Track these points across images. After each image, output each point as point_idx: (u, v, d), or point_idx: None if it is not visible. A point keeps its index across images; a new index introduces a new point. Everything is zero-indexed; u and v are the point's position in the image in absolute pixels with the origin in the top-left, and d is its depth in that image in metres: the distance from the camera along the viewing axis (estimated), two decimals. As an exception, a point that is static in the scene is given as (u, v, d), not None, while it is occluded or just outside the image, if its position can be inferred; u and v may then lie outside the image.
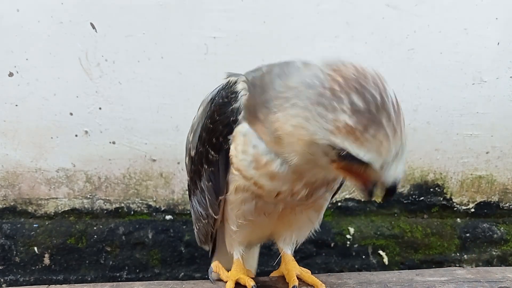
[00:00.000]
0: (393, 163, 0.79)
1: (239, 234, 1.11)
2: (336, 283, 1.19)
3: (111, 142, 1.74)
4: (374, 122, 0.76)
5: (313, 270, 1.25)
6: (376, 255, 1.84)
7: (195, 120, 1.11)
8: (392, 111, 0.78)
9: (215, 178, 1.04)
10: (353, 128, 0.76)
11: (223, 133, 0.97)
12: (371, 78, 0.80)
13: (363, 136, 0.76)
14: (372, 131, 0.76)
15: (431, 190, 1.87)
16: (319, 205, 1.11)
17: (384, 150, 0.77)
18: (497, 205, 1.91)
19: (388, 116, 0.77)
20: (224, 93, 0.98)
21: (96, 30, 1.65)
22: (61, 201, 1.78)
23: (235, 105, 0.95)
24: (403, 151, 0.80)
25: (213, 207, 1.09)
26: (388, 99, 0.79)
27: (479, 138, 1.84)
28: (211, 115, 1.00)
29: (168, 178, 1.78)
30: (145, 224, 1.79)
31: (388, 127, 0.77)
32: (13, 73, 1.67)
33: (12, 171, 1.75)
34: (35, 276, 1.75)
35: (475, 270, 1.32)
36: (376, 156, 0.77)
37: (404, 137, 0.80)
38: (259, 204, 1.02)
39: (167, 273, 1.78)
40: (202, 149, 1.04)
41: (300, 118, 0.81)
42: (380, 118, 0.77)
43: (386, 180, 0.81)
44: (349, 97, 0.77)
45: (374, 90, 0.78)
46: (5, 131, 1.72)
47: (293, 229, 1.16)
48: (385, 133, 0.77)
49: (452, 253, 1.86)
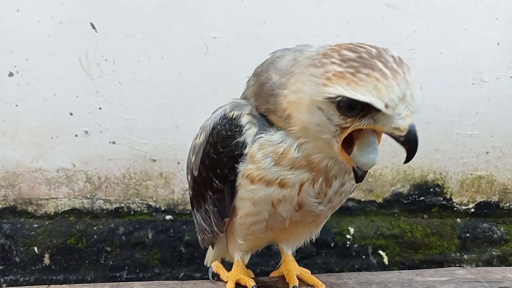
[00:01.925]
0: (403, 106, 0.72)
1: (245, 245, 1.12)
2: (336, 283, 1.19)
3: (111, 142, 1.74)
4: (366, 65, 0.72)
5: (313, 270, 1.25)
6: (376, 255, 1.84)
7: (197, 143, 1.06)
8: (390, 59, 0.74)
9: (221, 204, 1.03)
10: (343, 72, 0.72)
11: (228, 165, 0.95)
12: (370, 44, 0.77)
13: (356, 76, 0.71)
14: (365, 71, 0.72)
15: (431, 190, 1.87)
16: (320, 221, 1.12)
17: (382, 87, 0.71)
18: (497, 205, 1.91)
19: (384, 61, 0.73)
20: (228, 125, 0.95)
21: (96, 30, 1.65)
22: (61, 201, 1.78)
23: (239, 139, 0.93)
24: (414, 95, 0.73)
25: (218, 227, 1.09)
26: (386, 52, 0.75)
27: (479, 138, 1.84)
28: (214, 146, 0.98)
29: (168, 178, 1.78)
30: (145, 224, 1.79)
31: (385, 67, 0.72)
32: (13, 73, 1.67)
33: (12, 171, 1.75)
34: (35, 276, 1.75)
35: (475, 270, 1.32)
36: (375, 94, 0.71)
37: (412, 79, 0.73)
38: (269, 223, 1.02)
39: (167, 273, 1.78)
40: (205, 175, 1.03)
41: (298, 83, 0.81)
42: (373, 62, 0.73)
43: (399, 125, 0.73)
44: (339, 52, 0.76)
45: (370, 47, 0.76)
46: (5, 131, 1.72)
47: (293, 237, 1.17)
48: (380, 72, 0.71)
49: (452, 253, 1.86)
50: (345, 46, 0.77)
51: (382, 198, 1.85)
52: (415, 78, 0.74)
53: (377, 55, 0.74)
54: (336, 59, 0.75)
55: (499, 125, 1.83)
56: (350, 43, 0.79)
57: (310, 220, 1.06)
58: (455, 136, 1.83)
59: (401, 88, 0.72)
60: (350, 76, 0.72)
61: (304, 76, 0.80)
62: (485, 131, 1.83)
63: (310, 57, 0.81)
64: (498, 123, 1.83)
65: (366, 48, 0.76)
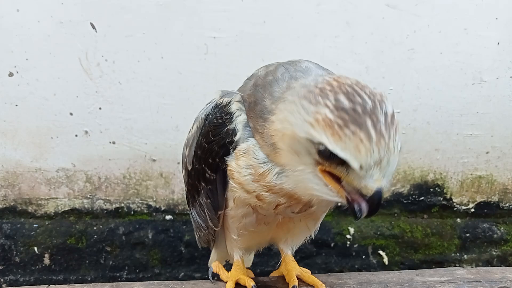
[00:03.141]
0: (377, 169, 0.74)
1: (240, 241, 1.12)
2: (336, 283, 1.19)
3: (111, 142, 1.74)
4: (356, 121, 0.72)
5: (313, 270, 1.25)
6: (376, 255, 1.84)
7: (190, 136, 1.08)
8: (382, 119, 0.74)
9: (213, 196, 1.04)
10: (332, 121, 0.72)
11: (219, 154, 0.96)
12: (370, 90, 0.77)
13: (342, 131, 0.72)
14: (352, 127, 0.72)
15: (431, 190, 1.87)
16: (317, 215, 1.11)
17: (363, 149, 0.72)
18: (497, 205, 1.91)
19: (375, 120, 0.73)
20: (218, 113, 0.96)
21: (96, 30, 1.65)
22: (61, 201, 1.78)
23: (230, 126, 0.94)
24: (390, 162, 0.74)
25: (213, 220, 1.10)
26: (381, 108, 0.75)
27: (479, 138, 1.84)
28: (205, 135, 0.99)
29: (168, 178, 1.78)
30: (145, 224, 1.79)
31: (373, 129, 0.72)
32: (13, 73, 1.67)
33: (12, 171, 1.75)
34: (35, 276, 1.75)
35: (475, 270, 1.32)
36: (353, 153, 0.72)
37: (395, 147, 0.74)
38: (259, 216, 1.02)
39: (167, 273, 1.78)
40: (198, 167, 1.04)
41: (286, 111, 0.81)
42: (364, 119, 0.72)
43: (367, 185, 0.75)
44: (336, 95, 0.75)
45: (368, 97, 0.75)
46: (5, 131, 1.72)
47: (291, 234, 1.17)
48: (367, 133, 0.72)
49: (452, 253, 1.86)
50: (345, 89, 0.76)
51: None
52: (398, 144, 0.75)
53: (370, 112, 0.73)
54: (330, 104, 0.74)
55: (499, 125, 1.83)
56: (351, 83, 0.77)
57: (305, 215, 1.05)
58: (455, 136, 1.83)
59: (380, 154, 0.73)
60: (337, 128, 0.72)
61: (294, 106, 0.79)
62: (485, 131, 1.83)
63: (307, 86, 0.80)
64: (498, 123, 1.83)
65: (363, 99, 0.75)
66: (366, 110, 0.73)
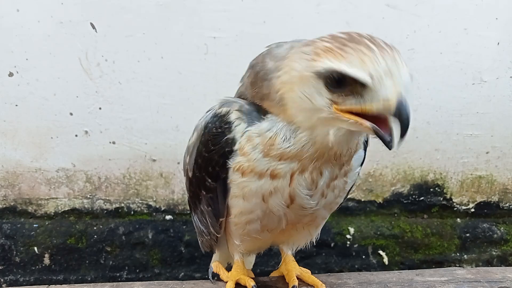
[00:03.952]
0: (389, 80, 0.72)
1: (242, 246, 1.12)
2: (336, 283, 1.19)
3: (111, 142, 1.74)
4: (354, 40, 0.75)
5: (313, 270, 1.25)
6: (376, 255, 1.84)
7: (190, 144, 1.08)
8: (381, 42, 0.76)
9: (214, 204, 1.04)
10: (331, 47, 0.75)
11: (219, 163, 0.96)
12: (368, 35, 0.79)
13: (342, 50, 0.74)
14: (351, 45, 0.74)
15: (431, 190, 1.87)
16: (318, 222, 1.12)
17: (367, 59, 0.72)
18: (497, 205, 1.91)
19: (373, 40, 0.75)
20: (218, 122, 0.96)
21: (96, 30, 1.65)
22: (61, 201, 1.78)
23: (229, 136, 0.94)
24: (401, 73, 0.73)
25: (214, 227, 1.10)
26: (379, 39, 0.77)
27: (479, 138, 1.84)
28: (205, 143, 0.98)
29: (168, 178, 1.78)
30: (145, 224, 1.79)
31: (372, 44, 0.74)
32: (13, 73, 1.67)
33: (12, 171, 1.75)
34: (35, 276, 1.75)
35: (475, 270, 1.32)
36: (359, 65, 0.72)
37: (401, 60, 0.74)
38: (263, 223, 1.02)
39: (167, 273, 1.78)
40: (199, 175, 1.04)
41: (291, 62, 0.84)
42: (362, 40, 0.75)
43: (385, 97, 0.71)
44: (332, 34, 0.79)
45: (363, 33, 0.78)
46: (5, 131, 1.72)
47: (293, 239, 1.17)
48: (367, 46, 0.73)
49: (452, 253, 1.86)
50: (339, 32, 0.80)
51: (382, 198, 1.85)
52: (405, 62, 0.75)
53: (368, 37, 0.77)
54: (327, 38, 0.79)
55: (499, 125, 1.83)
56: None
57: (307, 221, 1.06)
58: (455, 136, 1.83)
59: (387, 62, 0.72)
60: (338, 50, 0.74)
61: (296, 55, 0.83)
62: (485, 131, 1.83)
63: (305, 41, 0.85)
64: (498, 123, 1.83)
65: (358, 33, 0.78)
66: (363, 36, 0.77)
